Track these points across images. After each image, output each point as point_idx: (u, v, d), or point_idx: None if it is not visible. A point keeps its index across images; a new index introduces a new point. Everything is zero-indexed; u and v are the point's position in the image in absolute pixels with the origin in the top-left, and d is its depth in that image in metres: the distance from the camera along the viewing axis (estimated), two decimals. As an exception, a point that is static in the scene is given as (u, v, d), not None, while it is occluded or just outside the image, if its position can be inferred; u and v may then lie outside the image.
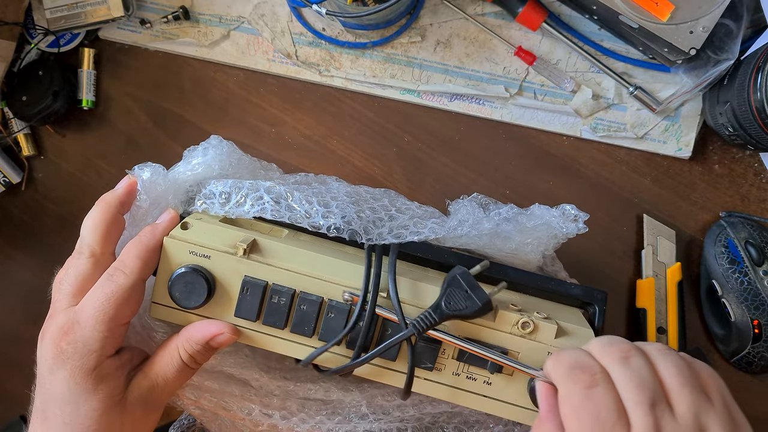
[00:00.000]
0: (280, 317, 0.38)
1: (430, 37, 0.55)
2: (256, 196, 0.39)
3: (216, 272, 0.38)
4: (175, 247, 0.38)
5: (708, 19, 0.47)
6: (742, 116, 0.48)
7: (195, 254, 0.38)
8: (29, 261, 0.59)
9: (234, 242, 0.38)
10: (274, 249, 0.39)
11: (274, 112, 0.57)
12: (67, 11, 0.55)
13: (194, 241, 0.38)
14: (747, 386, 0.54)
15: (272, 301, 0.38)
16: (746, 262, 0.51)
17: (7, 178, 0.57)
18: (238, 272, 0.38)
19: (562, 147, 0.56)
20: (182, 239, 0.38)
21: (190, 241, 0.38)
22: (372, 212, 0.41)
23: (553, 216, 0.43)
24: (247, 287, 0.37)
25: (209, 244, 0.38)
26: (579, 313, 0.43)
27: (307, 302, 0.38)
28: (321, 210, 0.39)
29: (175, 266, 0.38)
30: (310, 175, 0.49)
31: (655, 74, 0.54)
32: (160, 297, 0.38)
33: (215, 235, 0.38)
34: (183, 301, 0.37)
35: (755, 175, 0.54)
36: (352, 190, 0.44)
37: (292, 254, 0.39)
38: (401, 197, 0.47)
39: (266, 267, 0.38)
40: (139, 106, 0.58)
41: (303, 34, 0.56)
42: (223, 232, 0.39)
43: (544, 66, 0.54)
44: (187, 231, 0.39)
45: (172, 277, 0.37)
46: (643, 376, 0.32)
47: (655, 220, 0.54)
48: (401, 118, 0.56)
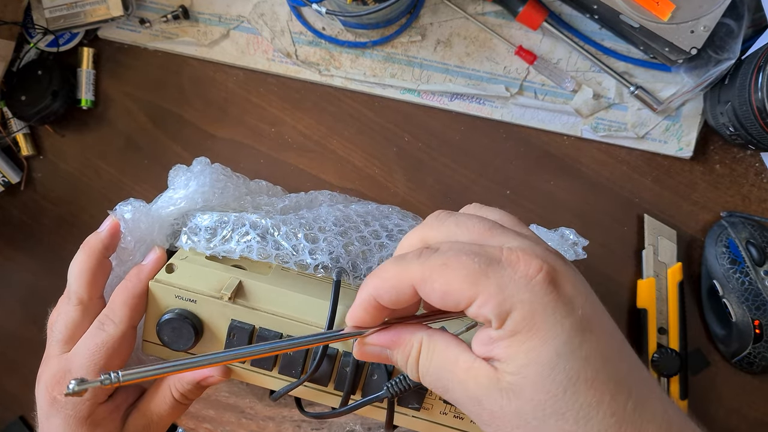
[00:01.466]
0: (267, 360, 0.38)
1: (431, 37, 0.55)
2: (242, 232, 0.39)
3: (203, 315, 0.38)
4: (161, 291, 0.38)
5: (709, 18, 0.47)
6: (743, 116, 0.48)
7: (181, 298, 0.38)
8: (29, 261, 0.59)
9: (220, 285, 0.38)
10: (260, 292, 0.39)
11: (274, 112, 0.57)
12: (66, 11, 0.54)
13: (179, 285, 0.38)
14: (748, 386, 0.54)
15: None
16: (747, 262, 0.51)
17: (6, 178, 0.57)
18: (225, 316, 0.38)
19: (562, 147, 0.55)
20: (167, 283, 0.38)
21: (175, 285, 0.38)
22: (361, 242, 0.40)
23: (550, 240, 0.42)
24: (234, 332, 0.38)
25: (195, 287, 0.38)
26: None
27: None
28: (308, 246, 0.38)
29: (162, 309, 0.38)
30: (300, 195, 0.49)
31: (656, 74, 0.54)
32: (151, 336, 0.39)
33: (201, 278, 0.39)
34: (172, 344, 0.38)
35: (756, 174, 0.54)
36: (342, 215, 0.43)
37: (277, 297, 0.39)
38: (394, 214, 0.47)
39: (252, 311, 0.38)
40: (139, 106, 0.58)
41: (303, 33, 0.56)
42: (209, 274, 0.39)
43: (544, 65, 0.54)
44: (172, 274, 0.39)
45: (160, 322, 0.38)
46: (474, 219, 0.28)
47: (655, 220, 0.54)
48: (401, 117, 0.56)
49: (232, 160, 0.57)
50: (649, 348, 0.52)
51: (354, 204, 0.48)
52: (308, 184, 0.57)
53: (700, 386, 0.54)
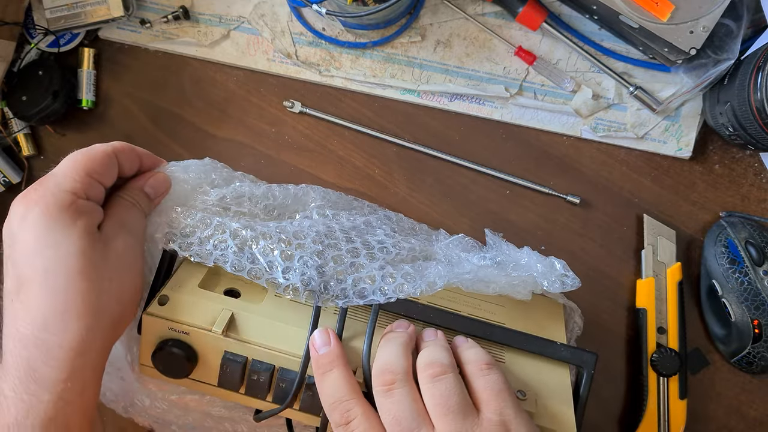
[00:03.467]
0: (261, 390, 0.39)
1: (430, 37, 0.55)
2: (221, 239, 0.39)
3: (196, 346, 0.39)
4: (154, 324, 0.39)
5: (708, 18, 0.47)
6: (743, 116, 0.48)
7: (174, 330, 0.39)
8: (29, 261, 0.59)
9: (212, 318, 0.39)
10: (252, 324, 0.39)
11: (274, 112, 0.57)
12: (66, 11, 0.55)
13: (172, 318, 0.39)
14: (747, 386, 0.54)
15: (252, 378, 0.39)
16: (746, 262, 0.51)
17: (7, 178, 0.57)
18: (218, 348, 0.39)
19: (562, 147, 0.56)
20: (160, 316, 0.39)
21: (168, 317, 0.39)
22: (337, 262, 0.40)
23: (536, 270, 0.42)
24: (227, 365, 0.39)
25: (187, 320, 0.39)
26: (566, 375, 0.42)
27: (286, 380, 0.39)
28: (282, 265, 0.39)
29: (156, 339, 0.39)
30: (289, 189, 0.48)
31: (656, 74, 0.54)
32: (147, 362, 0.40)
33: (193, 310, 0.39)
34: (167, 372, 0.39)
35: (755, 175, 0.54)
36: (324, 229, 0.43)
37: (269, 329, 0.39)
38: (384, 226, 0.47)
39: (244, 345, 0.39)
40: (139, 106, 0.58)
41: (303, 33, 0.56)
42: (201, 306, 0.39)
43: (544, 66, 0.54)
44: (164, 307, 0.39)
45: (154, 352, 0.39)
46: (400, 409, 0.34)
47: (655, 220, 0.54)
48: (401, 118, 0.56)
49: (233, 160, 0.57)
50: (648, 348, 0.52)
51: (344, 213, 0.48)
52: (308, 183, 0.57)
53: (699, 386, 0.55)
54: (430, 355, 0.37)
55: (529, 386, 0.40)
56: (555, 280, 0.41)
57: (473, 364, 0.37)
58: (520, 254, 0.44)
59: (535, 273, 0.41)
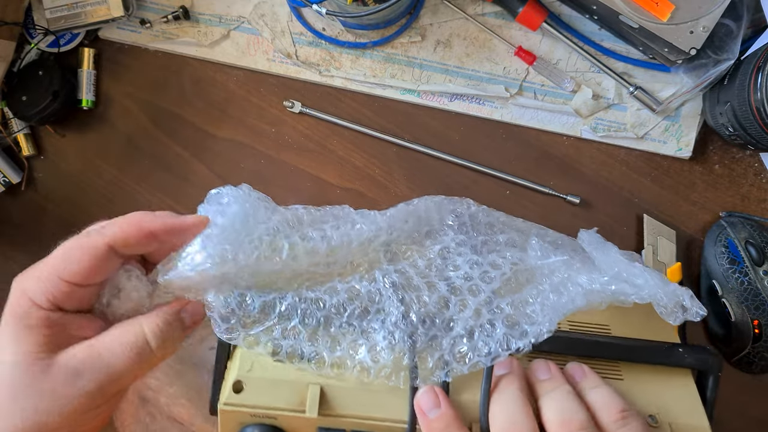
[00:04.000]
0: None
1: (430, 37, 0.55)
2: (289, 325, 0.34)
3: (286, 428, 0.34)
4: (233, 416, 0.34)
5: (708, 19, 0.47)
6: (743, 116, 0.48)
7: (258, 417, 0.34)
8: (29, 261, 0.58)
9: (299, 398, 0.34)
10: (344, 396, 0.34)
11: (274, 112, 0.57)
12: (66, 11, 0.54)
13: (253, 405, 0.33)
14: (747, 386, 0.54)
15: None
16: (746, 262, 0.51)
17: (7, 178, 0.57)
18: (311, 426, 0.34)
19: (562, 147, 0.56)
20: (239, 405, 0.33)
21: (248, 405, 0.33)
22: (425, 325, 0.34)
23: (660, 300, 0.36)
24: None
25: (271, 405, 0.33)
26: (691, 383, 0.38)
27: None
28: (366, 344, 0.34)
29: (240, 425, 0.34)
30: (344, 229, 0.38)
31: (656, 74, 0.54)
32: None
33: (275, 392, 0.34)
34: None
35: (755, 175, 0.54)
36: (400, 278, 0.36)
37: (364, 398, 0.34)
38: (464, 247, 0.40)
39: (341, 419, 0.34)
40: (139, 106, 0.58)
41: (303, 33, 0.56)
42: (283, 386, 0.34)
43: (544, 66, 0.54)
44: (241, 394, 0.34)
45: None
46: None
47: (655, 220, 0.54)
48: (401, 118, 0.56)
49: (233, 160, 0.57)
50: (648, 348, 0.52)
51: (413, 243, 0.40)
52: (308, 184, 0.57)
53: (699, 386, 0.55)
54: (561, 409, 0.32)
55: (657, 406, 0.35)
56: (678, 312, 0.35)
57: (605, 412, 0.32)
58: (634, 270, 0.37)
59: (657, 303, 0.36)
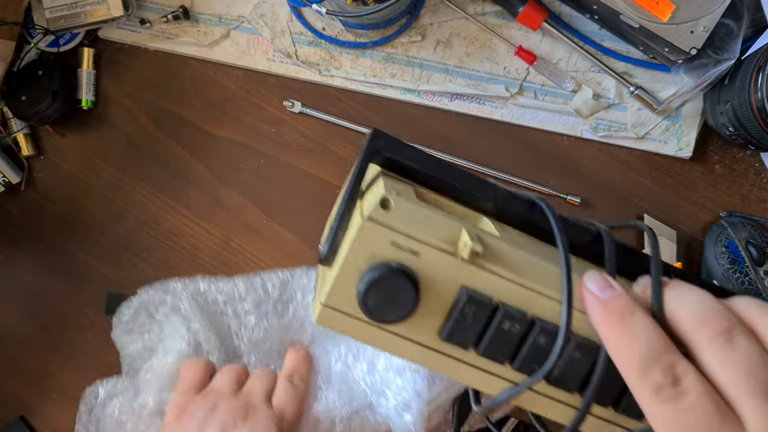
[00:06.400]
0: (506, 349, 0.27)
1: (431, 37, 0.55)
2: None
3: (424, 275, 0.27)
4: (376, 234, 0.26)
5: (709, 18, 0.47)
6: (743, 116, 0.48)
7: (399, 248, 0.26)
8: (29, 261, 0.59)
9: (452, 236, 0.27)
10: (503, 252, 0.28)
11: (274, 112, 0.57)
12: (66, 11, 0.54)
13: (401, 230, 0.26)
14: (748, 386, 0.54)
15: (501, 327, 0.27)
16: (747, 262, 0.51)
17: (7, 178, 0.57)
18: (454, 280, 0.27)
19: (562, 147, 0.55)
20: (385, 224, 0.26)
21: (395, 228, 0.26)
22: None
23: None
24: (466, 302, 0.27)
25: (420, 235, 0.26)
26: None
27: (547, 333, 0.27)
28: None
29: (370, 260, 0.26)
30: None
31: (656, 74, 0.54)
32: (337, 299, 0.27)
33: (425, 223, 0.27)
34: (378, 311, 0.26)
35: (756, 174, 0.54)
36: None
37: (524, 261, 0.28)
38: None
39: (494, 278, 0.27)
40: (139, 106, 0.58)
41: (303, 33, 0.56)
42: (435, 220, 0.27)
43: (544, 66, 0.54)
44: (389, 211, 0.26)
45: (369, 279, 0.26)
46: (751, 359, 0.24)
47: (655, 220, 0.54)
48: (401, 117, 0.56)
49: (232, 160, 0.57)
50: (648, 348, 0.52)
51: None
52: (308, 184, 0.57)
53: (699, 386, 0.54)
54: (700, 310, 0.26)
55: None
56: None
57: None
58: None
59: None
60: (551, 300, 0.27)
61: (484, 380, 0.28)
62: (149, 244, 0.57)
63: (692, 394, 0.24)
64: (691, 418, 0.23)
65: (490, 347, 0.27)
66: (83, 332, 0.57)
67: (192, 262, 0.57)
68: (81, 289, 0.58)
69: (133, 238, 0.57)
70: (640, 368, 0.25)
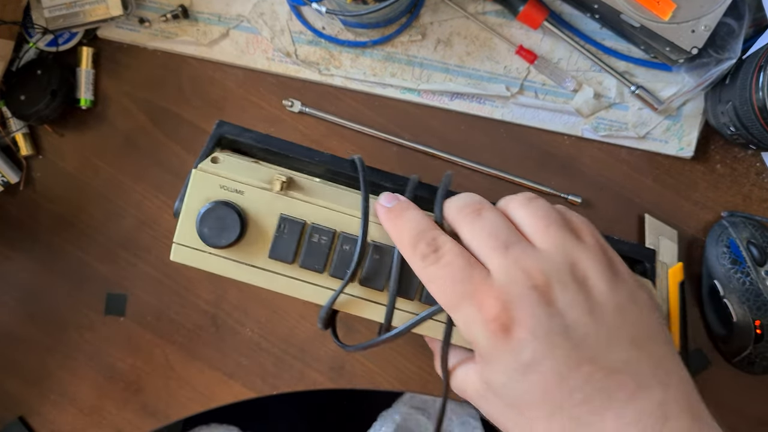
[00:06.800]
0: (319, 259, 0.35)
1: (431, 36, 0.55)
2: None
3: (249, 209, 0.35)
4: (205, 180, 0.35)
5: (710, 18, 0.47)
6: (744, 115, 0.47)
7: (226, 189, 0.35)
8: (28, 261, 0.59)
9: (269, 177, 0.36)
10: (312, 187, 0.36)
11: (274, 111, 0.57)
12: (65, 10, 0.54)
13: (226, 175, 0.35)
14: (748, 387, 0.54)
15: (312, 240, 0.35)
16: (748, 263, 0.51)
17: (6, 177, 0.57)
18: (274, 210, 0.35)
19: (563, 146, 0.55)
20: (213, 172, 0.35)
21: (221, 174, 0.35)
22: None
23: None
24: (285, 225, 0.35)
25: (242, 179, 0.35)
26: None
27: (350, 242, 0.35)
28: None
29: (204, 201, 0.35)
30: None
31: (657, 73, 0.53)
32: (184, 236, 0.35)
33: (248, 171, 0.36)
34: (212, 238, 0.34)
35: (757, 174, 0.54)
36: None
37: (329, 192, 0.36)
38: None
39: (305, 205, 0.35)
40: (138, 105, 0.58)
41: (302, 32, 0.56)
42: (257, 169, 0.37)
43: (545, 65, 0.54)
44: (217, 165, 0.36)
45: (202, 212, 0.34)
46: (494, 225, 0.31)
47: (656, 219, 0.54)
48: (401, 117, 0.56)
49: (232, 159, 0.57)
50: (649, 348, 0.52)
51: None
52: (308, 183, 0.57)
53: (700, 386, 0.54)
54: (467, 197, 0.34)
55: None
56: None
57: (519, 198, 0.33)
58: None
59: None
60: (353, 218, 0.35)
61: (310, 291, 0.36)
62: (149, 243, 0.57)
63: (448, 255, 0.31)
64: (448, 271, 0.30)
65: (307, 259, 0.35)
66: (82, 332, 0.57)
67: (191, 262, 0.57)
68: (80, 289, 0.58)
69: (132, 237, 0.57)
70: (411, 244, 0.32)
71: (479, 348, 0.30)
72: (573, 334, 0.28)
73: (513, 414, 0.29)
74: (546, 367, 0.28)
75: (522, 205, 0.32)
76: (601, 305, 0.29)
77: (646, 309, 0.31)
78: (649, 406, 0.27)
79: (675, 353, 0.31)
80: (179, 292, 0.57)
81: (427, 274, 0.31)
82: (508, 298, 0.29)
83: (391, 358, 0.56)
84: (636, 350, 0.29)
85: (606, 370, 0.28)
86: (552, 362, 0.28)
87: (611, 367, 0.28)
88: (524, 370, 0.28)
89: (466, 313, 0.30)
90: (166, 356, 0.57)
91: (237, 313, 0.57)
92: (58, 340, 0.58)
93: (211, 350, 0.57)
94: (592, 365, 0.28)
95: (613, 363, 0.28)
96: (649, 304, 0.31)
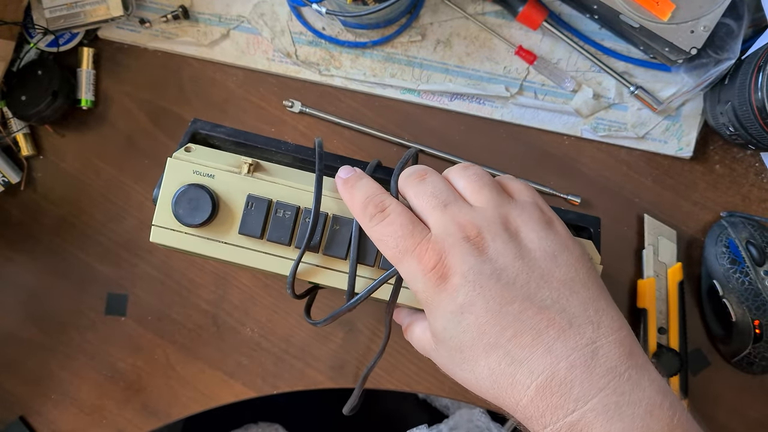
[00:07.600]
0: (285, 232, 0.38)
1: (431, 37, 0.55)
2: None
3: (220, 191, 0.39)
4: (179, 167, 0.39)
5: (709, 18, 0.47)
6: (743, 116, 0.48)
7: (199, 174, 0.39)
8: (28, 261, 0.59)
9: (238, 162, 0.39)
10: (276, 169, 0.40)
11: (274, 112, 0.57)
12: (66, 10, 0.54)
13: (198, 161, 0.39)
14: (748, 387, 0.54)
15: (277, 215, 0.38)
16: (747, 262, 0.51)
17: (6, 178, 0.57)
18: (242, 190, 0.38)
19: (562, 147, 0.55)
20: (186, 159, 0.39)
21: (194, 161, 0.39)
22: None
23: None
24: (252, 203, 0.38)
25: (213, 164, 0.39)
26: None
27: (311, 216, 0.38)
28: None
29: (178, 185, 0.39)
30: None
31: (656, 74, 0.54)
32: (161, 219, 0.39)
33: (218, 157, 0.40)
34: (187, 218, 0.38)
35: (756, 174, 0.54)
36: None
37: (293, 174, 0.40)
38: None
39: (270, 184, 0.39)
40: (139, 106, 0.58)
41: (303, 33, 0.56)
42: (226, 156, 0.40)
43: (544, 65, 0.54)
44: (190, 153, 0.40)
45: (177, 194, 0.38)
46: (435, 187, 0.34)
47: (656, 219, 0.54)
48: (401, 117, 0.56)
49: (232, 160, 0.57)
50: (649, 348, 0.52)
51: None
52: (308, 184, 0.57)
53: (700, 386, 0.54)
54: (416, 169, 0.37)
55: None
56: None
57: (457, 167, 0.36)
58: None
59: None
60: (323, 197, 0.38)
61: (278, 263, 0.39)
62: (149, 244, 0.57)
63: (392, 214, 0.33)
64: (393, 229, 0.33)
65: (274, 233, 0.38)
66: (83, 333, 0.57)
67: (192, 261, 0.57)
68: (81, 290, 0.58)
69: (133, 238, 0.57)
70: (361, 208, 0.35)
71: (422, 298, 0.33)
72: (503, 276, 0.31)
73: (458, 357, 0.32)
74: (479, 307, 0.30)
75: (459, 172, 0.35)
76: (531, 251, 0.32)
77: (579, 260, 0.33)
78: (578, 342, 0.29)
79: (609, 298, 0.32)
80: (180, 292, 0.57)
81: (375, 233, 0.34)
82: (444, 249, 0.31)
83: (391, 358, 0.56)
84: (567, 291, 0.31)
85: (536, 308, 0.30)
86: (484, 302, 0.30)
87: (541, 305, 0.30)
88: (460, 311, 0.31)
89: (408, 265, 0.32)
90: (166, 356, 0.57)
91: (237, 313, 0.57)
92: (59, 340, 0.58)
93: (212, 350, 0.57)
94: (522, 303, 0.30)
95: (542, 302, 0.30)
96: (582, 256, 0.33)
